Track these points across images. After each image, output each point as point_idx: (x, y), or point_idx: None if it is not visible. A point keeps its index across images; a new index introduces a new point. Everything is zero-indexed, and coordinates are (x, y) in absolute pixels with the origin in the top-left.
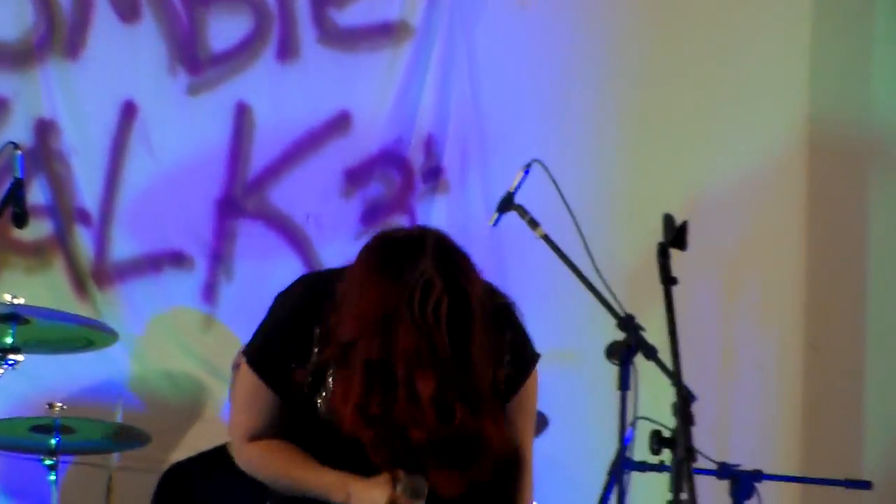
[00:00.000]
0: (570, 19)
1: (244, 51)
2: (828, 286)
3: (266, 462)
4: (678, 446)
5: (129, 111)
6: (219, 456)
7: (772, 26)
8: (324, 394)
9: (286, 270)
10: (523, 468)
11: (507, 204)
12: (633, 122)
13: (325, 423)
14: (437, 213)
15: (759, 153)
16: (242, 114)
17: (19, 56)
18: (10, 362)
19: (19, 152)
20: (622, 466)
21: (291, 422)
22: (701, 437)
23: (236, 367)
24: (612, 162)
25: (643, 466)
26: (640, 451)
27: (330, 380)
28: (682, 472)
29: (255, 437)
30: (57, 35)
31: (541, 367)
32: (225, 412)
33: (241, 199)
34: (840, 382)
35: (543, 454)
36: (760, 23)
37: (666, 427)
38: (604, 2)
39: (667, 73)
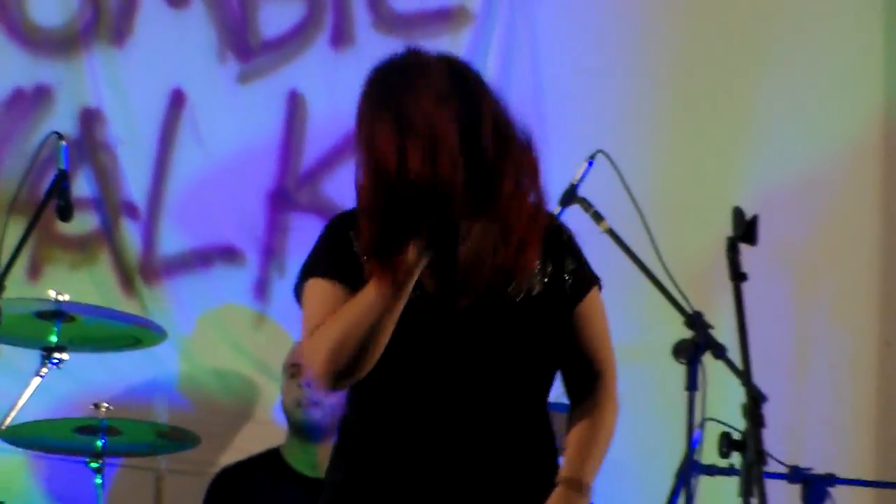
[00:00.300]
0: (635, 5)
1: (297, 37)
2: None
3: (324, 331)
4: (748, 449)
5: (177, 100)
6: (271, 459)
7: (844, 14)
8: None
9: None
10: (604, 379)
11: (569, 196)
12: (702, 112)
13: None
14: None
15: (833, 145)
16: (295, 103)
17: (64, 43)
18: (55, 361)
19: (64, 143)
20: (690, 470)
21: None
22: (772, 439)
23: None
24: (680, 153)
25: (712, 470)
26: (709, 453)
27: None
28: (752, 475)
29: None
30: (103, 21)
31: None
32: (277, 413)
33: (293, 191)
34: None
35: (608, 456)
36: (832, 10)
37: (735, 429)
38: None
39: (738, 63)
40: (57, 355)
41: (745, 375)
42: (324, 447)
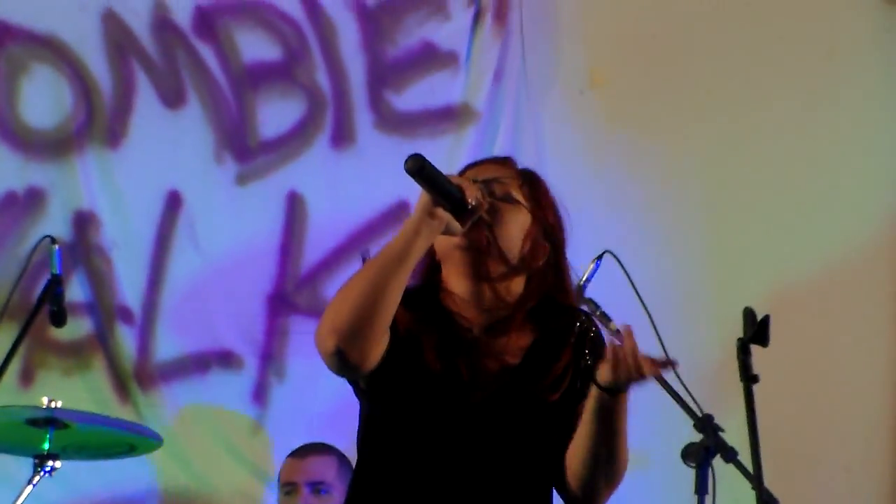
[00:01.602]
0: (642, 99)
1: (296, 137)
2: None
3: (342, 292)
4: None
5: (173, 202)
6: None
7: (859, 111)
8: None
9: None
10: None
11: (577, 297)
12: (709, 210)
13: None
14: None
15: (845, 244)
16: (294, 204)
17: (57, 145)
18: (47, 469)
19: (57, 246)
20: None
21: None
22: None
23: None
24: (688, 253)
25: None
26: None
27: None
28: None
29: None
30: (97, 122)
31: None
32: None
33: (293, 294)
34: None
35: None
36: (846, 107)
37: None
38: (679, 83)
39: (746, 161)
40: (49, 463)
41: (756, 479)
42: None
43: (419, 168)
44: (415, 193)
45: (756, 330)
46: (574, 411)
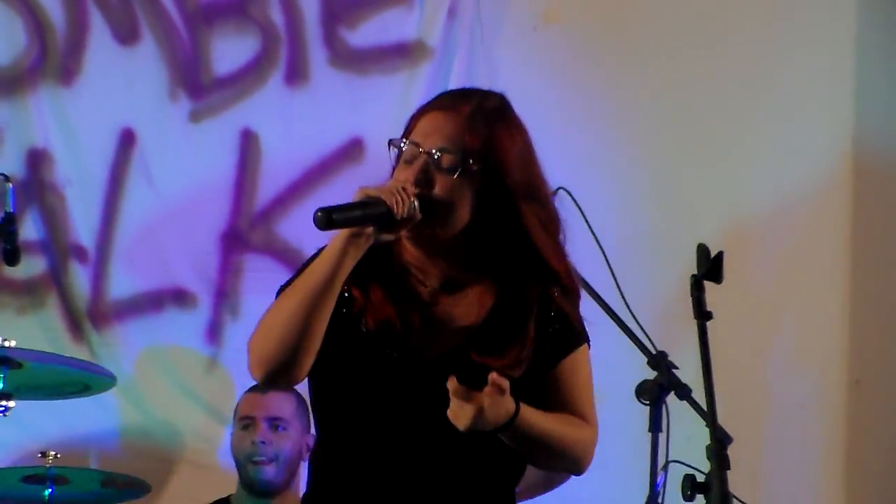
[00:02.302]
0: (596, 37)
1: (250, 74)
2: (873, 319)
3: (267, 323)
4: (713, 492)
5: (127, 140)
6: None
7: (814, 45)
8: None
9: None
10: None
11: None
12: (664, 147)
13: (367, 337)
14: None
15: (800, 179)
16: (248, 141)
17: (10, 82)
18: (1, 409)
19: (10, 185)
20: None
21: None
22: (737, 481)
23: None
24: (643, 189)
25: None
26: (673, 496)
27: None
28: None
29: None
30: (50, 60)
31: None
32: (229, 459)
33: (247, 232)
34: (886, 421)
35: (569, 501)
36: (802, 41)
37: (700, 471)
38: (633, 19)
39: (701, 95)
40: (3, 403)
41: (709, 416)
42: (276, 501)
43: (327, 221)
44: (370, 130)
45: (710, 266)
46: (543, 379)
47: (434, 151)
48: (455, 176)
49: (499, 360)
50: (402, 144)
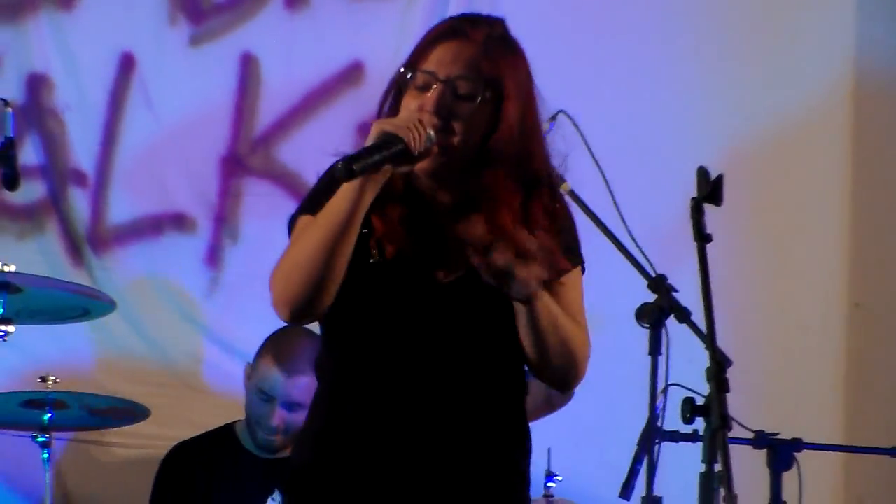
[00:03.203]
0: None
1: None
2: (874, 242)
3: (281, 258)
4: (712, 414)
5: (126, 64)
6: (225, 437)
7: None
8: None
9: None
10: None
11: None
12: (664, 69)
13: (382, 265)
14: None
15: (801, 100)
16: (248, 65)
17: (10, 7)
18: (1, 334)
19: (10, 109)
20: (653, 436)
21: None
22: (737, 404)
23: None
24: (643, 113)
25: (675, 436)
26: (672, 419)
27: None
28: (717, 441)
29: None
30: None
31: None
32: (229, 384)
33: (247, 156)
34: (887, 344)
35: (569, 423)
36: None
37: (699, 394)
38: None
39: (700, 17)
40: (3, 328)
41: (709, 339)
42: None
43: (349, 173)
44: (370, 54)
45: (710, 189)
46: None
47: (453, 79)
48: (475, 103)
49: None
50: (416, 74)
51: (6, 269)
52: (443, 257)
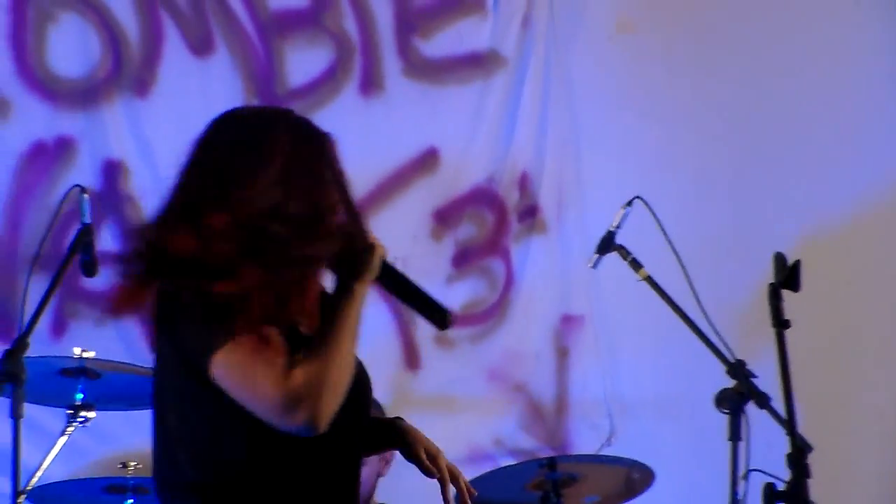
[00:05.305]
0: (670, 45)
1: (324, 84)
2: None
3: (313, 365)
4: (793, 500)
5: None
6: None
7: (886, 53)
8: None
9: (374, 317)
10: None
11: (607, 244)
12: (740, 153)
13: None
14: (533, 255)
15: (877, 186)
16: None
17: (86, 94)
18: (81, 419)
19: (87, 196)
20: None
21: None
22: (818, 489)
23: None
24: (719, 198)
25: None
26: None
27: None
28: None
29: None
30: (125, 71)
31: (646, 415)
32: None
33: None
34: None
35: None
36: (880, 48)
37: (780, 479)
38: (707, 25)
39: (776, 101)
40: (83, 413)
41: (789, 425)
42: None
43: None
44: (444, 140)
45: (787, 275)
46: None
47: None
48: None
49: None
50: None
51: (85, 355)
52: None
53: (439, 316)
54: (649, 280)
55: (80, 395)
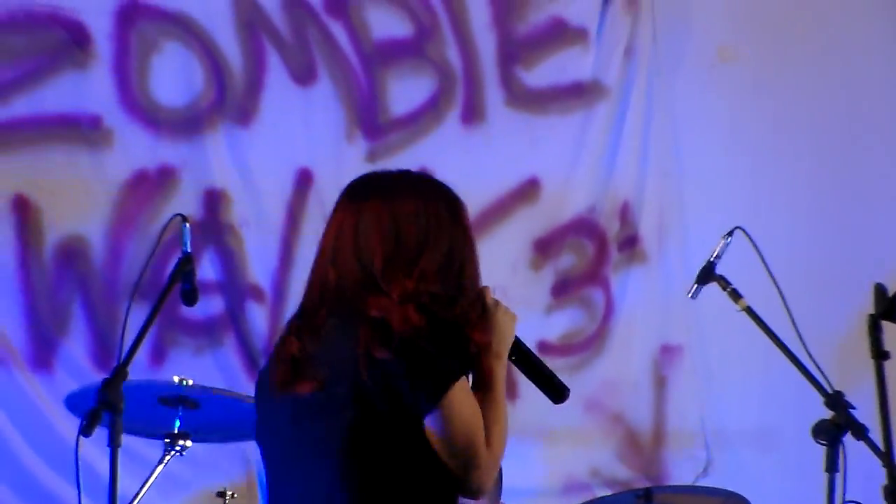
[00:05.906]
0: (772, 73)
1: (427, 114)
2: None
3: (495, 446)
4: None
5: (304, 180)
6: None
7: None
8: None
9: None
10: None
11: (707, 274)
12: (842, 183)
13: None
14: (633, 284)
15: None
16: None
17: (188, 122)
18: (178, 448)
19: (188, 225)
20: None
21: None
22: None
23: None
24: (819, 228)
25: None
26: None
27: None
28: None
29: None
30: (228, 100)
31: (742, 446)
32: None
33: None
34: None
35: None
36: None
37: None
38: (810, 53)
39: (880, 131)
40: (180, 442)
41: (887, 457)
42: None
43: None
44: (546, 171)
45: (887, 306)
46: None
47: None
48: None
49: None
50: None
51: (184, 383)
52: None
53: (558, 393)
54: (749, 311)
55: (177, 424)
